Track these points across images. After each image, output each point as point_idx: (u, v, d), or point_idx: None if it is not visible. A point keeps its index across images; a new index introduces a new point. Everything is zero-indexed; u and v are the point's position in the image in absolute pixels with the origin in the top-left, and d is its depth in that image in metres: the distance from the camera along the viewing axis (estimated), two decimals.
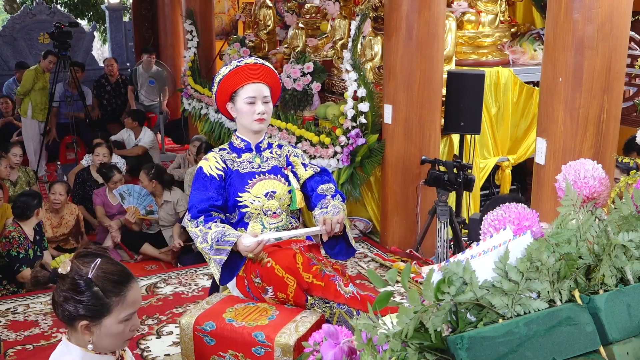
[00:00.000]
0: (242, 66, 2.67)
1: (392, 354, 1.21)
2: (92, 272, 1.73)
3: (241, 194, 2.66)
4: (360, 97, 4.93)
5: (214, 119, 7.03)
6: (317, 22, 7.35)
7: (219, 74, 2.72)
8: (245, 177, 2.69)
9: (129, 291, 1.78)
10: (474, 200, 5.37)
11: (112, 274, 1.76)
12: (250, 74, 2.67)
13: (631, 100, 5.66)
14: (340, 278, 2.58)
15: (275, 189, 2.70)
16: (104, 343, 1.78)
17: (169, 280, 4.56)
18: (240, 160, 2.73)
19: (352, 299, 2.52)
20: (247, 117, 2.68)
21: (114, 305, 1.74)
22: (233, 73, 2.67)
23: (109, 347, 1.81)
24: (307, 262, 2.54)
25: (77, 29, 9.84)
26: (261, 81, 2.69)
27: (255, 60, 2.73)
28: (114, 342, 1.80)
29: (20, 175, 6.14)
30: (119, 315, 1.76)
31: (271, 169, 2.75)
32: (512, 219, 1.43)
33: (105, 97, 9.24)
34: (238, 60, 2.73)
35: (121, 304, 1.75)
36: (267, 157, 2.77)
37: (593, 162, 1.62)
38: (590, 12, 3.36)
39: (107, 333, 1.76)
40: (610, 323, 1.24)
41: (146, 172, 5.67)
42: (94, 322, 1.74)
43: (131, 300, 1.78)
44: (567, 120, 3.53)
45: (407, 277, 1.28)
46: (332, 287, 2.52)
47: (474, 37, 5.61)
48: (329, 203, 2.74)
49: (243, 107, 2.67)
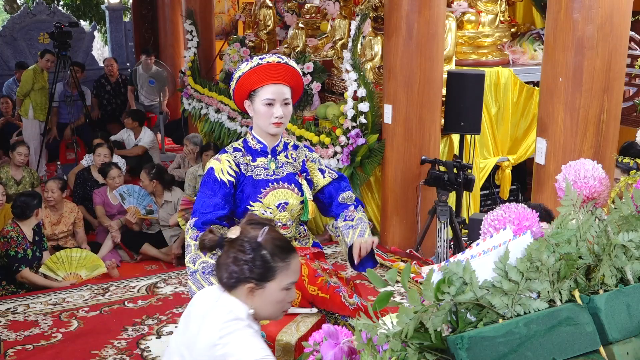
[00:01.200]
0: (264, 65, 2.48)
1: (392, 354, 1.21)
2: (262, 236, 1.80)
3: (253, 203, 2.54)
4: (360, 97, 4.93)
5: (214, 119, 7.03)
6: (317, 22, 7.35)
7: (239, 70, 2.53)
8: (258, 185, 2.56)
9: (293, 260, 1.84)
10: (474, 200, 5.37)
11: (279, 240, 1.84)
12: (272, 74, 2.49)
13: (631, 100, 5.66)
14: (345, 289, 2.56)
15: (288, 199, 2.58)
16: (265, 310, 1.83)
17: (169, 280, 4.56)
18: (254, 164, 2.58)
19: (357, 311, 2.51)
20: (264, 119, 2.51)
21: (279, 271, 1.80)
22: (253, 71, 2.48)
23: (268, 315, 1.86)
24: (313, 273, 2.50)
25: (77, 29, 9.84)
26: (283, 82, 2.50)
27: (279, 59, 2.52)
28: (274, 310, 1.85)
29: (25, 176, 6.19)
30: (282, 282, 1.81)
31: (285, 176, 2.61)
32: (512, 219, 1.43)
33: (105, 97, 9.24)
34: (260, 57, 2.52)
35: (285, 270, 1.81)
36: (283, 163, 2.62)
37: (593, 162, 1.62)
38: (590, 12, 3.37)
39: (270, 299, 1.81)
40: (610, 323, 1.25)
41: (147, 172, 5.66)
42: (259, 286, 1.79)
43: (294, 269, 1.84)
44: (567, 120, 3.53)
45: (407, 277, 1.28)
46: (337, 299, 2.50)
47: (474, 37, 5.61)
48: (354, 215, 2.67)
49: (261, 109, 2.50)
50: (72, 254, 4.90)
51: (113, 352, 3.58)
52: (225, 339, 1.71)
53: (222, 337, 1.71)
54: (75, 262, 4.87)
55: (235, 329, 1.73)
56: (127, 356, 3.55)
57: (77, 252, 4.94)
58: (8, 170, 6.11)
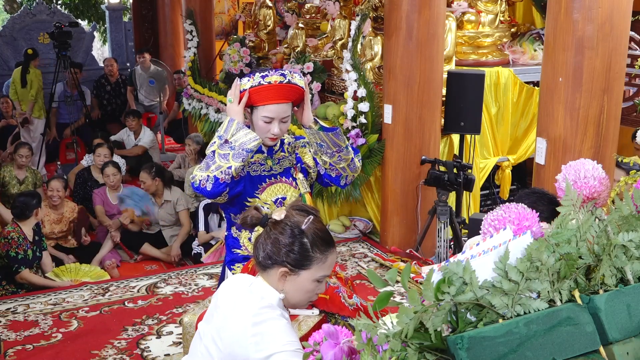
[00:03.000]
0: (266, 85, 2.46)
1: (392, 354, 1.21)
2: (306, 224, 1.81)
3: (250, 198, 2.56)
4: (360, 97, 4.93)
5: (214, 119, 7.03)
6: (317, 22, 7.35)
7: (242, 83, 2.50)
8: (255, 180, 2.58)
9: (331, 254, 1.85)
10: (474, 200, 5.37)
11: (322, 232, 1.84)
12: (273, 95, 2.47)
13: (631, 100, 5.65)
14: (344, 289, 2.57)
15: (286, 194, 2.60)
16: (293, 297, 1.84)
17: (169, 280, 4.56)
18: (252, 160, 2.58)
19: (356, 311, 2.52)
20: (261, 133, 2.52)
21: (315, 262, 1.81)
22: (255, 90, 2.47)
23: (295, 303, 1.87)
24: None
25: (77, 29, 9.82)
26: (284, 101, 2.50)
27: (282, 79, 2.47)
28: (302, 298, 1.86)
29: (28, 176, 6.22)
30: (317, 273, 1.82)
31: (283, 171, 2.63)
32: (512, 219, 1.43)
33: (105, 97, 9.24)
34: (262, 74, 2.49)
35: (322, 263, 1.82)
36: (279, 159, 2.65)
37: (593, 162, 1.62)
38: (590, 12, 3.36)
39: (300, 287, 1.82)
40: (610, 323, 1.25)
41: (148, 170, 5.67)
42: (293, 272, 1.80)
43: (329, 263, 1.85)
44: (567, 120, 3.53)
45: (407, 277, 1.28)
46: (336, 299, 2.51)
47: (474, 37, 5.61)
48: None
49: (259, 123, 2.51)
50: (81, 267, 5.06)
51: (113, 352, 3.58)
52: (258, 327, 1.71)
53: (256, 324, 1.71)
54: (82, 273, 5.00)
55: (269, 318, 1.73)
56: (127, 356, 3.55)
57: (86, 267, 5.10)
58: (12, 169, 6.15)
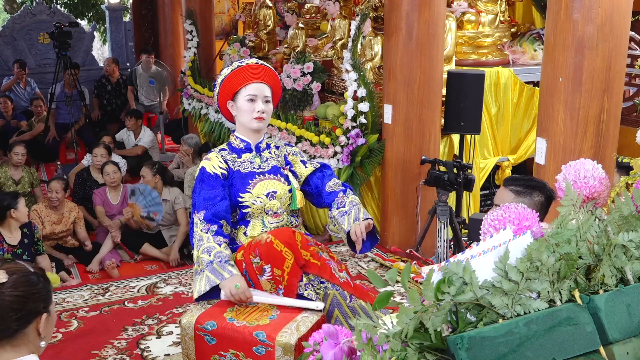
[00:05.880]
0: (244, 66, 2.74)
1: (392, 354, 1.21)
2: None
3: (242, 194, 2.69)
4: (360, 97, 4.93)
5: (214, 119, 7.04)
6: (317, 22, 7.35)
7: (221, 75, 2.78)
8: (246, 177, 2.72)
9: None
10: (474, 200, 5.37)
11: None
12: (252, 74, 2.73)
13: (631, 100, 5.66)
14: (335, 264, 2.69)
15: (276, 189, 2.73)
16: None
17: (169, 280, 4.56)
18: (240, 160, 2.76)
19: (346, 284, 2.65)
20: (246, 114, 2.72)
21: None
22: (235, 73, 2.73)
23: None
24: (305, 242, 2.63)
25: (77, 29, 9.84)
26: (263, 81, 2.74)
27: (257, 61, 2.79)
28: None
29: (24, 175, 6.15)
30: None
31: (271, 168, 2.78)
32: (512, 219, 1.43)
33: (105, 97, 9.24)
34: (239, 61, 2.80)
35: None
36: (267, 157, 2.81)
37: (593, 162, 1.62)
38: (590, 12, 3.37)
39: None
40: (610, 323, 1.25)
41: (149, 167, 5.67)
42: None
43: None
44: (567, 120, 3.53)
45: (407, 277, 1.29)
46: (327, 268, 2.63)
47: (474, 37, 5.61)
48: (344, 201, 2.79)
49: (244, 105, 2.72)
50: None
51: (113, 352, 3.58)
52: None
53: None
54: None
55: None
56: (127, 356, 3.55)
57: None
58: (6, 170, 6.06)
